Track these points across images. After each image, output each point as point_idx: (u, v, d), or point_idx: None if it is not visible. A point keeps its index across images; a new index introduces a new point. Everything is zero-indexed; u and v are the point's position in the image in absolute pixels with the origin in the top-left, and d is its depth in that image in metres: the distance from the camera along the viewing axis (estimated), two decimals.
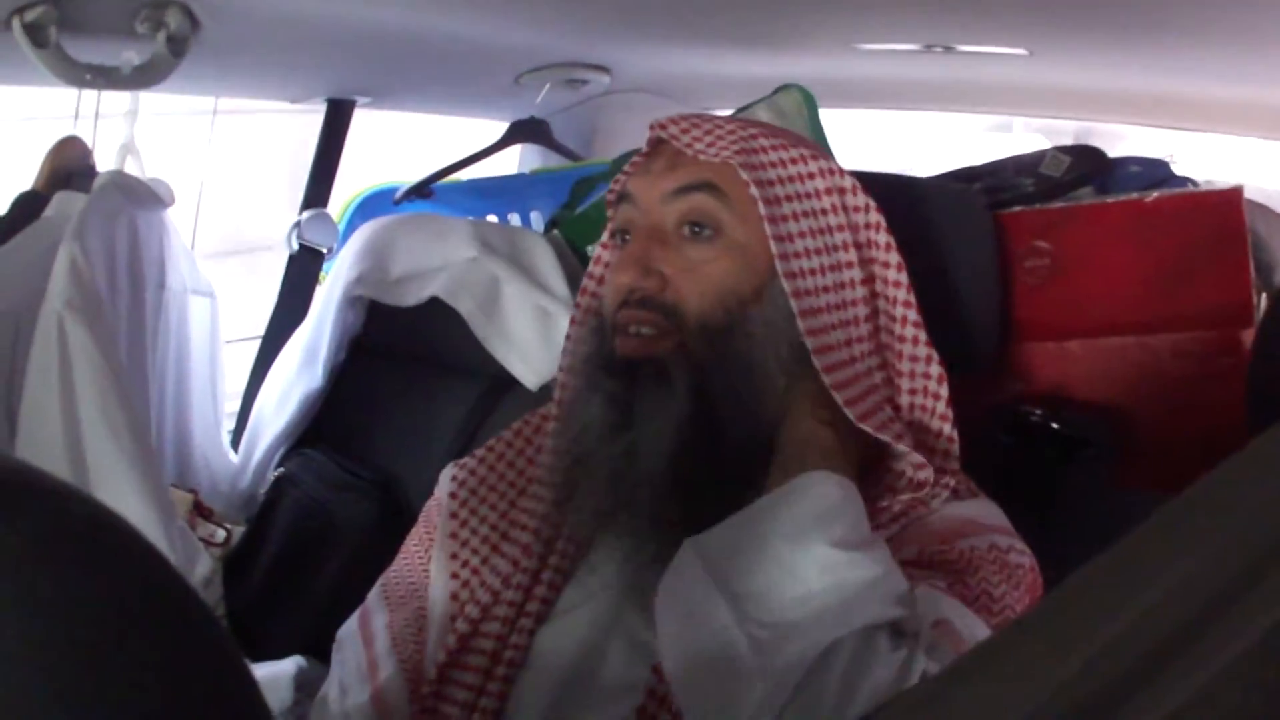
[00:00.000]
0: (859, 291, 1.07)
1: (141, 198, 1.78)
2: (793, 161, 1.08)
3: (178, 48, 1.48)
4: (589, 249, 1.81)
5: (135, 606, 0.42)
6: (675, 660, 0.89)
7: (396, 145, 2.78)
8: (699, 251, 1.04)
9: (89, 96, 1.83)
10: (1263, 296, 1.42)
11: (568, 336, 1.18)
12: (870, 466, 1.04)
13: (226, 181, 2.52)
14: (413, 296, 1.83)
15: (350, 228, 2.24)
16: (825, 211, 1.07)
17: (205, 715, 0.44)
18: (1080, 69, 1.84)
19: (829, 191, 1.08)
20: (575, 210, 1.94)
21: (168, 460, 1.91)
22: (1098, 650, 0.35)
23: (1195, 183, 1.52)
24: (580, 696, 1.01)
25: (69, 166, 1.74)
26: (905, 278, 1.08)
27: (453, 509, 1.17)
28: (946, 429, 1.06)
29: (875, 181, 1.12)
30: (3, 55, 1.42)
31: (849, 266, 1.07)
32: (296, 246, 2.16)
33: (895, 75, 2.06)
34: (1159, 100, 2.02)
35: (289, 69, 1.90)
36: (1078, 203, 1.44)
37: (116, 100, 1.83)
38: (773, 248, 1.01)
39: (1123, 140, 2.53)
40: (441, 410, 1.80)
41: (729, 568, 0.89)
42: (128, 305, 1.75)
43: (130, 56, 1.50)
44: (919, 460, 1.00)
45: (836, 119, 1.96)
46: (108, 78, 1.51)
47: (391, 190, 2.35)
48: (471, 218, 2.11)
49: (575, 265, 1.81)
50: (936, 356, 1.07)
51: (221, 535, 1.82)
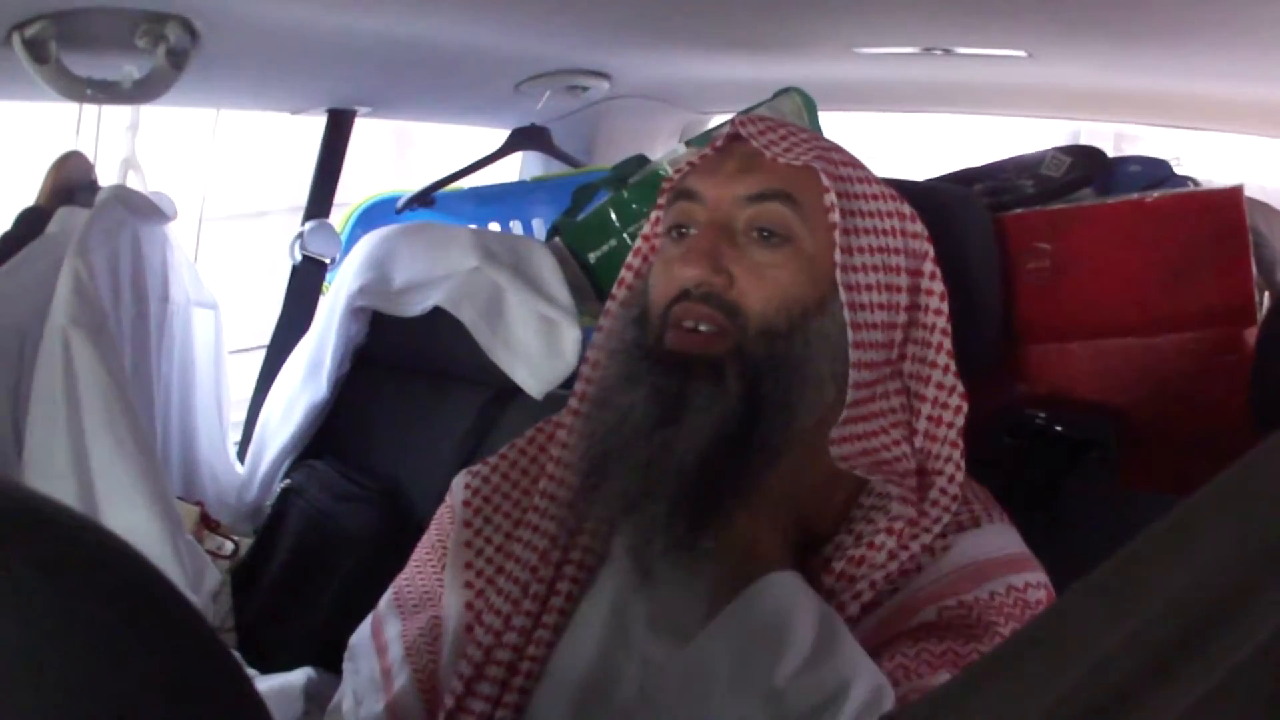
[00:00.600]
0: (902, 316, 1.06)
1: (144, 211, 1.78)
2: (860, 180, 1.07)
3: (178, 61, 1.48)
4: (591, 256, 1.82)
5: (139, 631, 0.42)
6: None
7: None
8: (767, 256, 1.02)
9: (90, 111, 1.84)
10: (1265, 294, 1.42)
11: (598, 327, 1.15)
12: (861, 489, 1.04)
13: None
14: (415, 307, 1.83)
15: (352, 238, 2.24)
16: (887, 233, 1.06)
17: None
18: (1080, 70, 1.84)
19: (890, 215, 1.07)
20: (577, 217, 1.94)
21: (174, 473, 1.92)
22: (1100, 660, 0.35)
23: (1196, 182, 1.52)
24: (596, 715, 1.01)
25: (71, 182, 1.74)
26: (946, 307, 1.08)
27: (466, 517, 1.17)
28: (956, 456, 1.04)
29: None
30: (3, 71, 1.43)
31: (898, 290, 1.06)
32: (299, 257, 2.16)
33: (894, 78, 2.06)
34: (1159, 100, 2.02)
35: (289, 80, 1.90)
36: (1078, 203, 1.44)
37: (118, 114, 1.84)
38: (836, 258, 1.01)
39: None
40: (446, 420, 1.80)
41: (679, 712, 0.90)
42: (131, 319, 1.76)
43: (130, 71, 1.50)
44: (906, 511, 0.99)
45: (836, 122, 1.97)
46: (108, 92, 1.51)
47: (393, 199, 2.35)
48: (473, 226, 2.11)
49: (577, 272, 1.82)
50: (961, 388, 1.06)
51: (229, 547, 1.82)
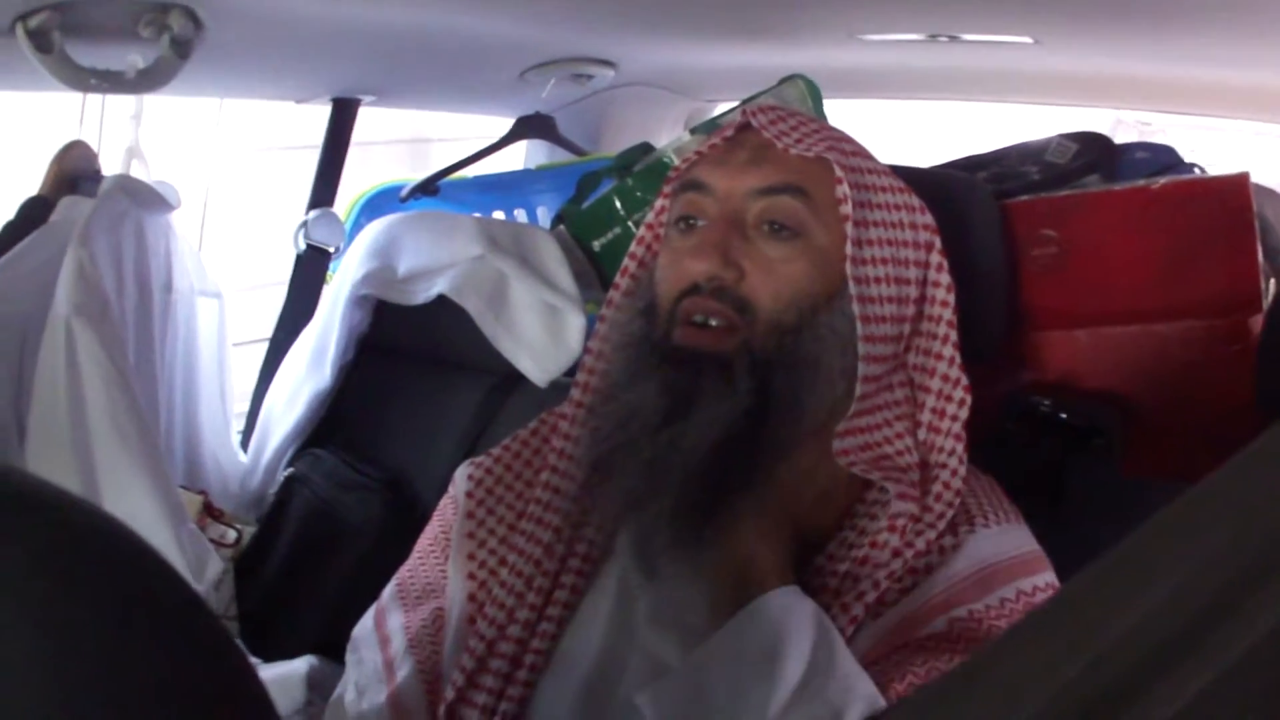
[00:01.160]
0: (910, 309, 1.05)
1: (148, 200, 1.78)
2: (871, 171, 1.06)
3: (182, 50, 1.48)
4: (596, 244, 1.81)
5: (142, 618, 0.42)
6: None
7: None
8: (777, 250, 1.01)
9: (93, 100, 1.84)
10: (1271, 282, 1.41)
11: (601, 317, 1.14)
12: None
13: None
14: (420, 295, 1.83)
15: (357, 226, 2.24)
16: (897, 225, 1.05)
17: None
18: (1086, 56, 1.83)
19: (900, 207, 1.06)
20: (581, 205, 1.93)
21: (177, 462, 1.92)
22: (1103, 650, 0.35)
23: (1202, 169, 1.51)
24: (600, 710, 1.00)
25: (75, 171, 1.74)
26: (953, 299, 1.07)
27: (469, 508, 1.16)
28: (959, 449, 1.03)
29: None
30: (7, 62, 1.42)
31: (908, 283, 1.05)
32: (303, 246, 2.16)
33: (899, 64, 2.06)
34: (1165, 86, 2.01)
35: (293, 69, 1.90)
36: (1084, 190, 1.44)
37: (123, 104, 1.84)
38: (847, 250, 1.00)
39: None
40: (450, 408, 1.80)
41: None
42: (135, 308, 1.76)
43: (134, 60, 1.50)
44: (907, 507, 0.98)
45: (841, 109, 1.96)
46: (112, 82, 1.50)
47: (398, 188, 2.35)
48: (478, 214, 2.11)
49: (582, 261, 1.81)
50: (965, 380, 1.05)
51: (232, 536, 1.83)
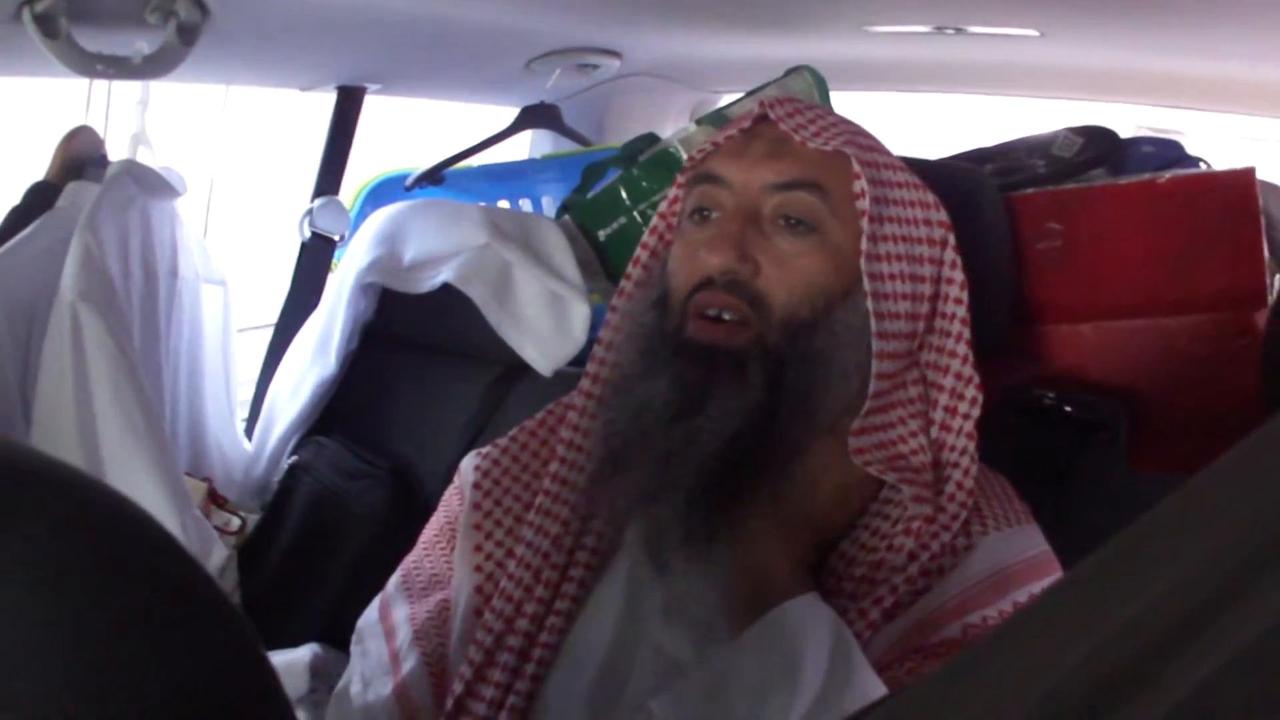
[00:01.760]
0: (924, 307, 1.05)
1: (154, 187, 1.78)
2: (887, 166, 1.05)
3: (188, 37, 1.48)
4: (601, 234, 1.82)
5: (154, 596, 0.42)
6: None
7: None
8: (793, 244, 1.00)
9: (100, 86, 1.84)
10: (1276, 277, 1.41)
11: (612, 308, 1.13)
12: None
13: None
14: (425, 283, 1.83)
15: (362, 215, 2.24)
16: (912, 222, 1.04)
17: (223, 704, 0.44)
18: (1092, 49, 1.83)
19: (915, 204, 1.06)
20: (587, 195, 1.93)
21: (182, 448, 1.92)
22: (1100, 643, 0.35)
23: (1208, 164, 1.51)
24: (610, 704, 1.00)
25: (81, 156, 1.74)
26: (966, 296, 1.06)
27: (476, 499, 1.15)
28: (971, 448, 1.03)
29: None
30: (13, 47, 1.43)
31: (922, 280, 1.04)
32: (308, 234, 2.16)
33: (905, 57, 2.06)
34: (1172, 80, 2.01)
35: (299, 57, 1.90)
36: (1090, 184, 1.43)
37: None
38: (863, 246, 0.99)
39: None
40: (454, 397, 1.80)
41: None
42: (141, 294, 1.76)
43: (141, 46, 1.50)
44: (922, 509, 0.98)
45: (847, 101, 1.96)
46: (118, 68, 1.50)
47: (403, 177, 2.34)
48: (483, 203, 2.11)
49: (587, 250, 1.81)
50: (978, 379, 1.05)
51: (236, 523, 1.83)
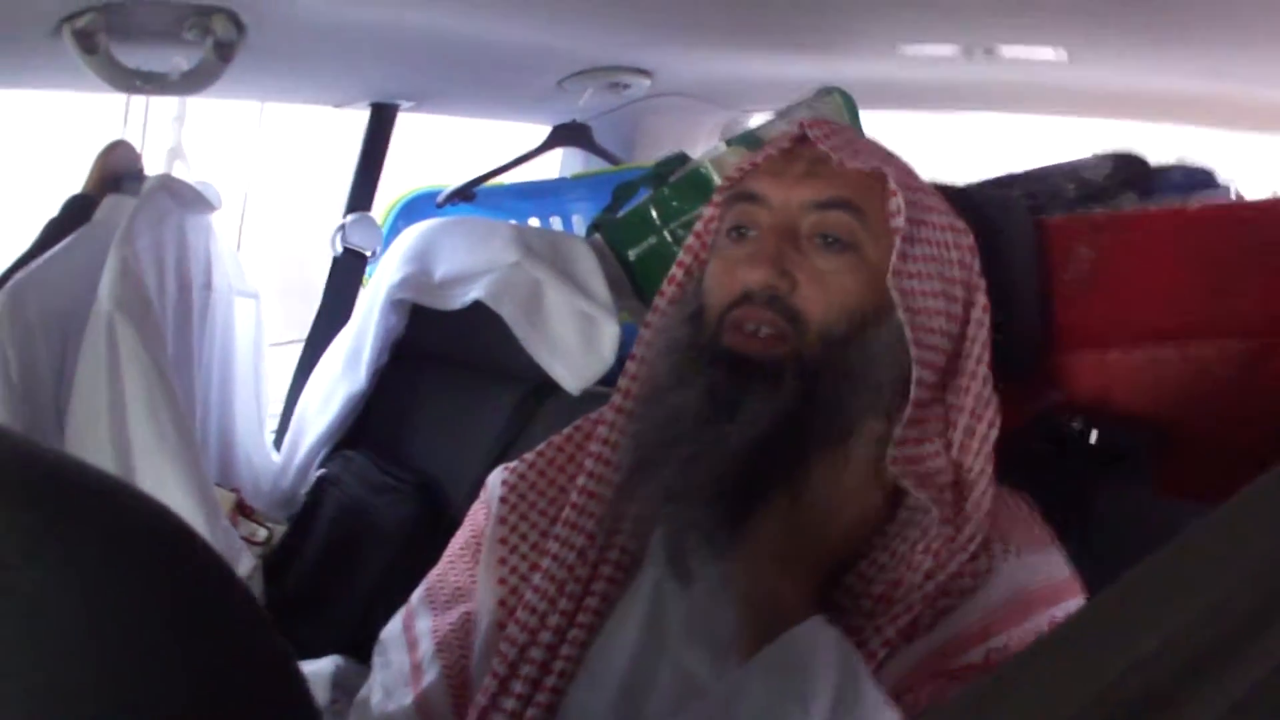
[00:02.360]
0: (956, 329, 1.05)
1: (189, 201, 1.80)
2: (919, 189, 1.06)
3: (224, 53, 1.50)
4: (631, 253, 1.82)
5: (190, 602, 0.43)
6: None
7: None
8: (829, 262, 1.01)
9: (137, 101, 1.86)
10: None
11: (646, 324, 1.14)
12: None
13: None
14: (456, 300, 1.84)
15: (394, 231, 2.25)
16: (945, 245, 1.05)
17: (253, 711, 0.45)
18: (1121, 71, 1.83)
19: (947, 229, 1.06)
20: (617, 214, 1.94)
21: (211, 459, 1.93)
22: (1136, 660, 0.35)
23: (1238, 190, 1.50)
24: (629, 717, 0.99)
25: (118, 170, 1.76)
26: (988, 320, 1.07)
27: (502, 514, 1.15)
28: (989, 470, 1.02)
29: None
30: (54, 62, 1.45)
31: (955, 301, 1.05)
32: (340, 250, 2.18)
33: (935, 78, 2.06)
34: (1200, 102, 2.00)
35: (333, 74, 1.91)
36: (1120, 209, 1.43)
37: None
38: (892, 261, 1.00)
39: None
40: (483, 414, 1.81)
41: None
42: (175, 306, 1.78)
43: (178, 62, 1.52)
44: (945, 529, 0.98)
45: (877, 122, 1.96)
46: (156, 83, 1.53)
47: (435, 194, 2.36)
48: (513, 221, 2.12)
49: (616, 269, 1.82)
50: (996, 402, 1.04)
51: (263, 534, 1.84)
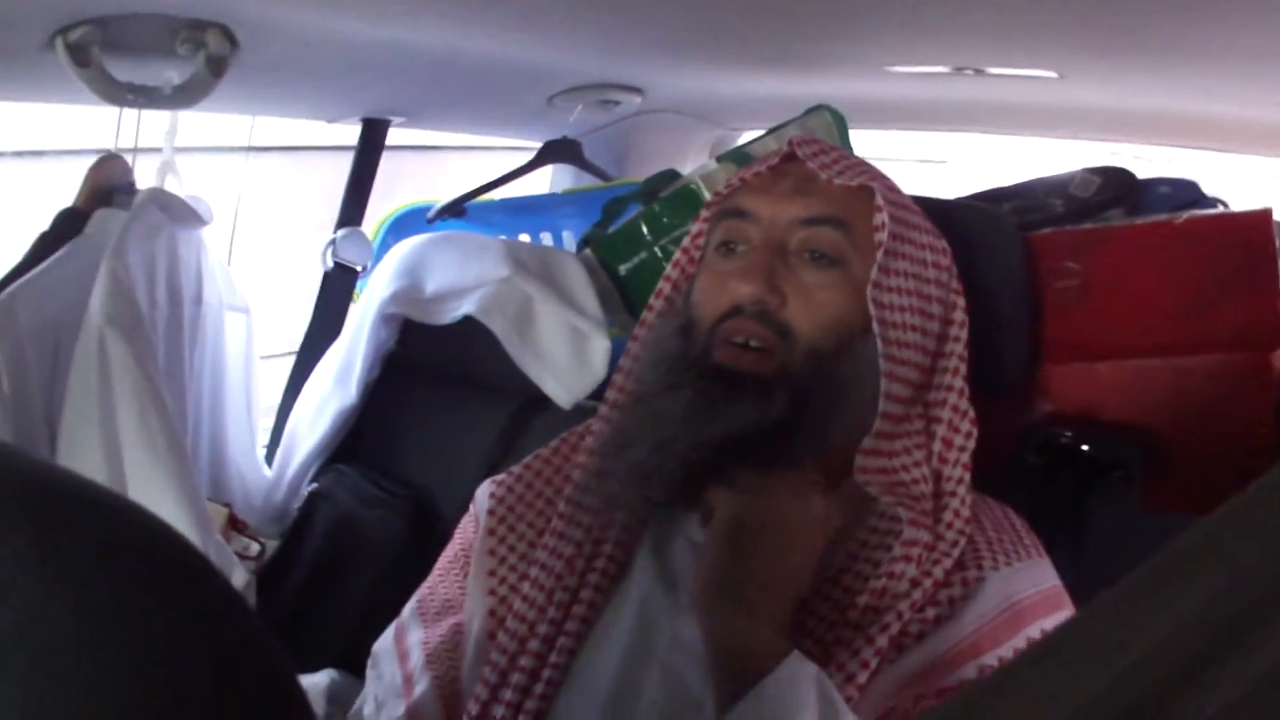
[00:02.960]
0: (932, 344, 1.07)
1: (181, 215, 1.80)
2: (903, 206, 1.08)
3: (217, 68, 1.50)
4: (621, 268, 1.83)
5: (186, 614, 0.43)
6: None
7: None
8: (817, 278, 1.04)
9: (129, 115, 1.86)
10: None
11: (634, 337, 1.16)
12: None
13: None
14: (446, 315, 1.84)
15: (384, 246, 2.26)
16: (924, 263, 1.07)
17: None
18: (1111, 91, 1.84)
19: (927, 247, 1.08)
20: (607, 229, 1.95)
21: (203, 473, 1.93)
22: (1127, 666, 0.35)
23: (1225, 204, 1.52)
24: None
25: (110, 184, 1.76)
26: (965, 334, 1.09)
27: (490, 525, 1.17)
28: (967, 479, 1.04)
29: None
30: (46, 75, 1.45)
31: (931, 318, 1.07)
32: (331, 264, 2.18)
33: (925, 97, 2.07)
34: (1191, 122, 2.02)
35: (325, 89, 1.92)
36: (1108, 224, 1.44)
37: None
38: (872, 274, 1.02)
39: None
40: (474, 428, 1.81)
41: None
42: (166, 320, 1.78)
43: (171, 76, 1.52)
44: (920, 535, 0.98)
45: (866, 140, 1.97)
46: (148, 97, 1.53)
47: (425, 209, 2.36)
48: (504, 236, 2.13)
49: (607, 284, 1.82)
50: (973, 414, 1.06)
51: (255, 549, 1.84)
